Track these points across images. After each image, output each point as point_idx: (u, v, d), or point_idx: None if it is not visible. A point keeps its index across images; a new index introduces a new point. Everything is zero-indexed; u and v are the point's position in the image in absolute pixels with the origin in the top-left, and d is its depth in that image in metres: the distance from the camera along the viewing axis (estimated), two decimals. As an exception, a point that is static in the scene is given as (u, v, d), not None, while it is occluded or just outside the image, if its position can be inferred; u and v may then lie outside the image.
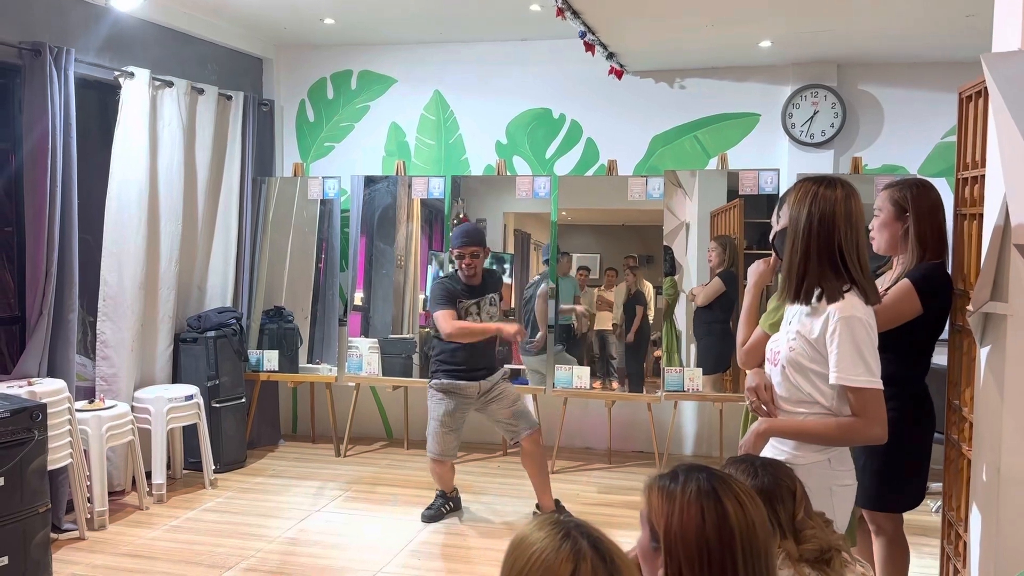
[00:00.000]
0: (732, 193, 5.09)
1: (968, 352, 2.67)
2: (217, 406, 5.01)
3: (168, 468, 4.69)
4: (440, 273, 5.41)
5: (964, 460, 2.67)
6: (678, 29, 4.47)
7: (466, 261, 4.13)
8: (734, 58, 5.20)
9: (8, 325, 4.27)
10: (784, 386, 2.17)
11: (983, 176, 2.54)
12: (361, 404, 5.69)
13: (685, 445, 5.54)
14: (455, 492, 4.45)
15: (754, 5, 3.99)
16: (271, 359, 5.54)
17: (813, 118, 5.22)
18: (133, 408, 4.51)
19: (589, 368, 5.18)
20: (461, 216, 5.46)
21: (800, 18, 4.22)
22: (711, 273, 5.08)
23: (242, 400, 5.22)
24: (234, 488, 4.81)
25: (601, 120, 5.57)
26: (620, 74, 5.25)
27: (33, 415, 3.48)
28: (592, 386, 5.18)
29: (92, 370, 4.57)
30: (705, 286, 5.07)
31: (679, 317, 5.15)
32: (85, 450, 4.08)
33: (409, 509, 4.44)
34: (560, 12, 3.94)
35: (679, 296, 5.16)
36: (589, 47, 4.59)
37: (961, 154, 2.80)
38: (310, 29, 5.45)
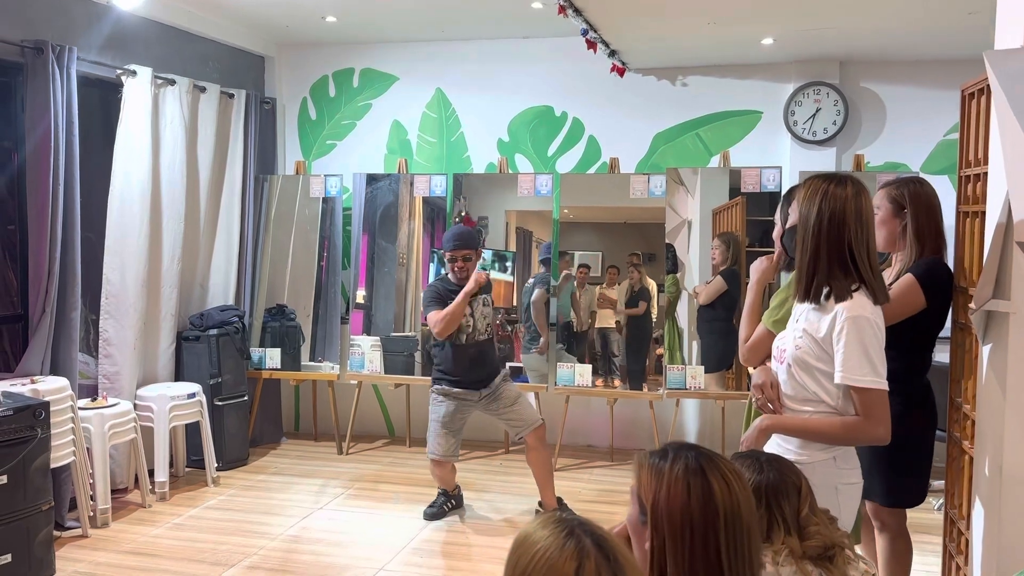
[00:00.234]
0: (734, 191, 5.09)
1: (970, 350, 2.67)
2: (219, 404, 5.01)
3: (171, 466, 4.69)
4: (442, 271, 5.41)
5: (966, 458, 2.67)
6: (680, 27, 4.47)
7: (458, 264, 4.14)
8: (736, 56, 5.19)
9: (11, 323, 4.28)
10: (790, 384, 2.17)
11: (985, 174, 2.54)
12: (363, 402, 5.70)
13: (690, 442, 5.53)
14: (457, 490, 4.45)
15: (756, 3, 3.99)
16: (273, 357, 5.55)
17: (815, 116, 5.22)
18: (136, 406, 4.52)
19: (591, 366, 5.18)
20: (463, 214, 5.46)
21: (802, 16, 4.21)
22: (714, 270, 5.09)
23: (244, 398, 5.23)
24: (236, 486, 4.82)
25: (603, 118, 5.56)
26: (622, 72, 5.25)
27: (36, 413, 3.49)
28: (594, 384, 5.19)
29: (95, 368, 4.58)
30: (708, 284, 5.08)
31: (681, 315, 5.15)
32: (88, 448, 4.09)
33: (411, 507, 4.45)
34: (562, 10, 3.94)
35: (681, 294, 5.16)
36: (591, 45, 4.59)
37: (963, 152, 2.80)
38: (312, 27, 5.45)
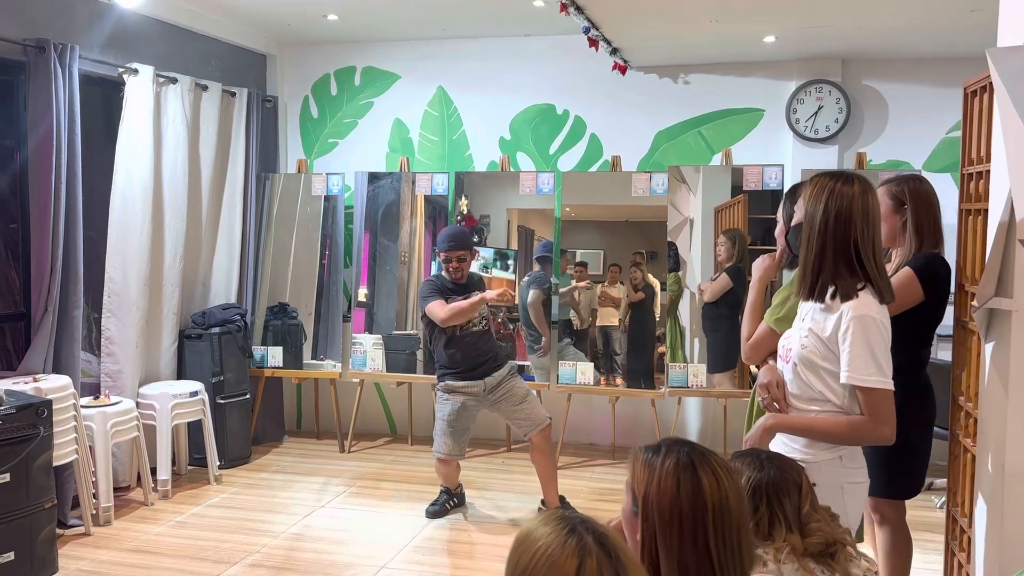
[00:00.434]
0: (736, 189, 5.08)
1: (972, 348, 2.67)
2: (222, 402, 5.02)
3: (173, 464, 4.70)
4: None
5: (968, 455, 2.66)
6: (682, 24, 4.46)
7: (453, 264, 4.15)
8: (738, 53, 5.19)
9: (13, 321, 4.28)
10: (796, 383, 2.16)
11: (988, 171, 2.53)
12: (365, 400, 5.70)
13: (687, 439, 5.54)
14: (459, 488, 4.46)
15: (758, 1, 3.98)
16: (275, 355, 5.55)
17: (817, 113, 5.21)
18: (138, 404, 4.52)
19: (593, 364, 5.18)
20: (466, 213, 5.46)
21: (804, 14, 4.21)
22: (718, 267, 5.07)
23: (246, 396, 5.23)
24: (239, 484, 4.83)
25: (605, 116, 5.56)
26: (624, 69, 5.24)
27: (39, 411, 3.49)
28: (597, 382, 5.19)
29: (97, 366, 4.58)
30: (713, 282, 5.06)
31: (683, 313, 5.15)
32: (90, 446, 4.09)
33: (413, 505, 4.45)
34: (564, 8, 3.94)
35: (683, 292, 5.16)
36: (593, 43, 4.59)
37: (966, 149, 2.80)
38: (314, 25, 5.45)
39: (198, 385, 4.77)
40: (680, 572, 1.39)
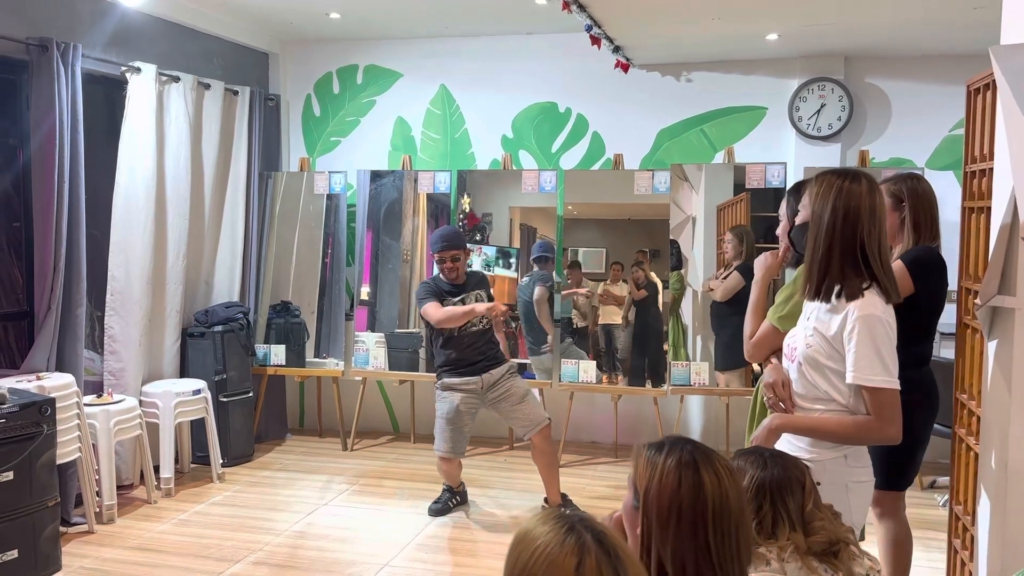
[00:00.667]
0: (739, 187, 5.07)
1: (975, 346, 2.67)
2: (224, 400, 5.03)
3: (176, 462, 4.71)
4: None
5: (972, 454, 2.66)
6: (684, 22, 4.46)
7: (447, 265, 4.15)
8: (741, 51, 5.18)
9: (17, 320, 4.29)
10: (801, 383, 2.15)
11: (991, 169, 2.53)
12: (368, 398, 5.70)
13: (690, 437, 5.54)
14: (461, 486, 4.46)
15: (761, -2, 3.99)
16: (278, 353, 5.56)
17: (820, 111, 5.20)
18: (141, 402, 4.53)
19: (595, 362, 5.18)
20: (468, 211, 5.46)
21: (807, 11, 4.20)
22: (722, 265, 5.05)
23: (249, 394, 5.24)
24: (242, 482, 4.83)
25: (607, 114, 5.55)
26: (626, 67, 5.24)
27: (42, 409, 3.50)
28: (602, 380, 5.18)
29: (100, 365, 4.59)
30: (723, 280, 5.01)
31: (685, 311, 5.14)
32: (94, 444, 4.10)
33: (416, 503, 4.46)
34: (566, 6, 3.94)
35: (685, 290, 5.15)
36: (595, 41, 4.58)
37: (969, 147, 2.80)
38: (316, 24, 5.45)
39: (201, 383, 4.78)
40: (677, 566, 1.40)
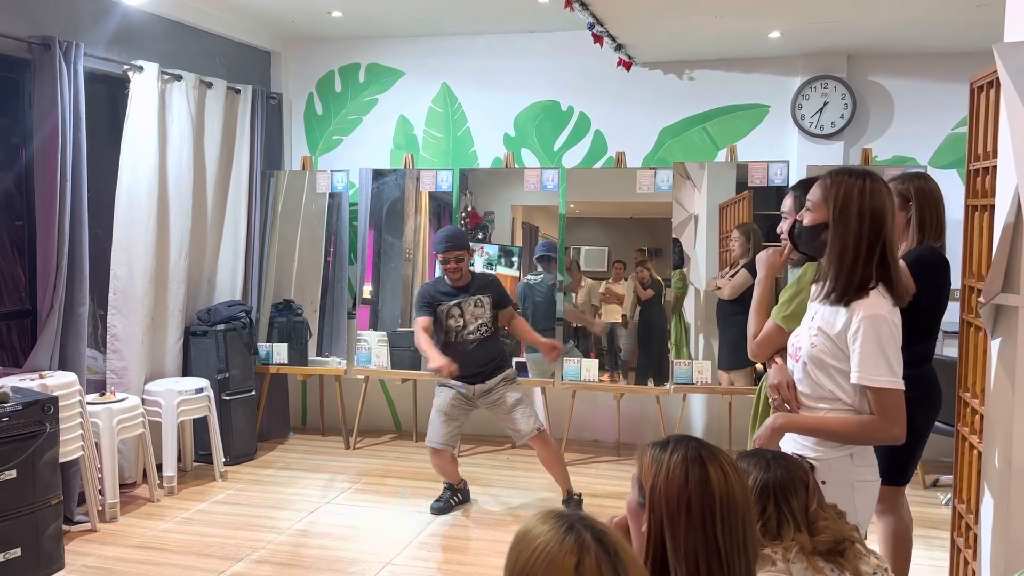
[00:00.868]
0: (741, 185, 5.07)
1: (978, 344, 2.67)
2: (227, 399, 5.03)
3: (179, 460, 4.71)
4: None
5: (975, 452, 2.66)
6: (686, 20, 4.45)
7: (451, 265, 4.14)
8: (743, 49, 5.17)
9: (19, 319, 4.29)
10: (806, 382, 2.14)
11: (994, 167, 2.53)
12: (370, 397, 5.71)
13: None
14: (463, 484, 4.46)
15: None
16: (280, 352, 5.56)
17: (823, 109, 5.19)
18: (144, 401, 4.53)
19: (597, 361, 5.17)
20: (470, 209, 5.46)
21: (810, 9, 4.20)
22: (727, 263, 5.04)
23: (252, 393, 5.24)
24: (244, 480, 4.84)
25: (609, 112, 5.55)
26: (628, 66, 5.23)
27: (45, 408, 3.50)
28: (600, 379, 5.18)
29: (103, 363, 4.60)
30: (731, 278, 4.99)
31: (688, 310, 5.14)
32: (96, 443, 4.11)
33: (418, 501, 4.46)
34: (568, 3, 3.93)
35: (688, 288, 5.14)
36: (597, 39, 4.58)
37: (972, 145, 2.79)
38: (318, 22, 5.45)
39: (203, 382, 4.78)
40: (687, 561, 1.40)
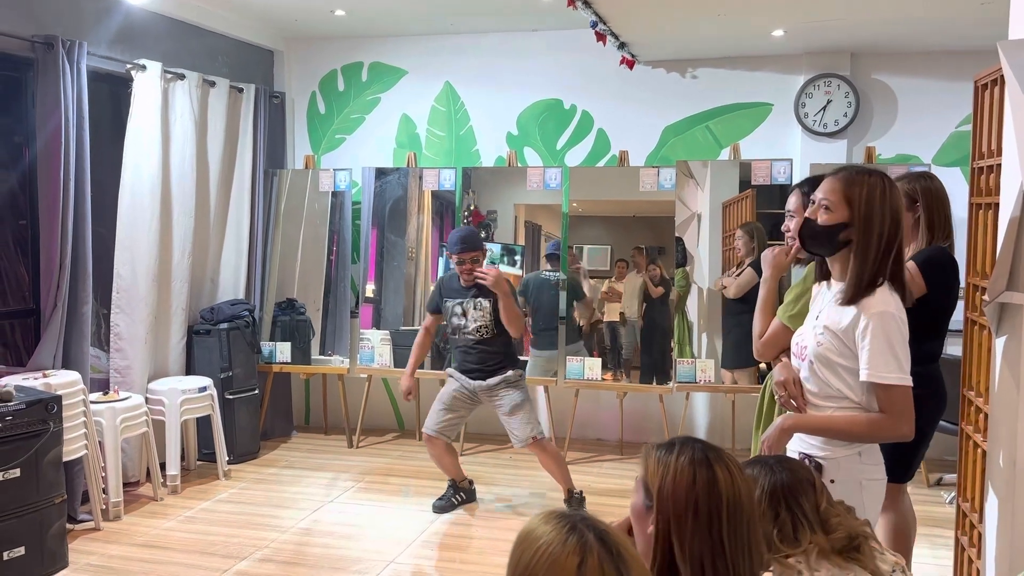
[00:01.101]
0: (744, 183, 5.06)
1: (983, 343, 2.66)
2: (230, 398, 5.03)
3: (182, 459, 4.72)
4: (452, 266, 5.42)
5: (979, 451, 2.65)
6: (689, 18, 4.45)
7: (466, 267, 4.13)
8: (746, 47, 5.16)
9: (23, 318, 4.30)
10: (812, 381, 2.13)
11: (999, 165, 2.52)
12: (373, 396, 5.71)
13: (694, 436, 5.52)
14: (466, 482, 4.45)
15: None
16: (284, 351, 5.56)
17: (826, 108, 5.18)
18: (147, 400, 4.53)
19: (600, 360, 5.17)
20: (473, 208, 5.45)
21: (813, 7, 4.19)
22: (733, 262, 5.03)
23: (255, 392, 5.25)
24: (248, 479, 4.84)
25: (612, 110, 5.54)
26: (631, 64, 5.23)
27: (48, 407, 3.51)
28: (603, 378, 5.18)
29: (106, 362, 4.60)
30: (736, 276, 4.98)
31: (691, 308, 5.13)
32: (100, 441, 4.11)
33: (421, 500, 4.46)
34: (571, 2, 3.93)
35: (691, 287, 5.14)
36: (600, 37, 4.57)
37: (976, 143, 2.78)
38: (320, 21, 5.45)
39: (207, 380, 4.79)
40: (693, 562, 1.40)
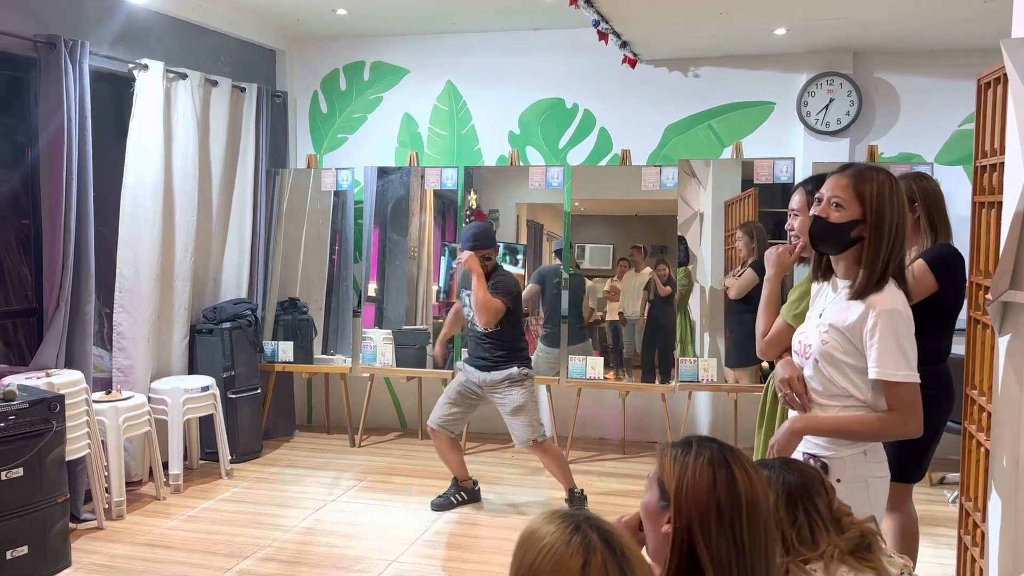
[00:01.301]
0: (747, 182, 5.06)
1: (986, 342, 2.66)
2: (233, 397, 5.04)
3: (185, 458, 4.72)
4: (454, 264, 5.43)
5: (982, 450, 2.65)
6: (691, 17, 4.44)
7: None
8: (749, 46, 5.16)
9: (26, 317, 4.30)
10: (817, 379, 2.12)
11: (1002, 164, 2.51)
12: (375, 395, 5.71)
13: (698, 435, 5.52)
14: (469, 482, 4.44)
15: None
16: (286, 350, 5.57)
17: (828, 106, 5.18)
18: (150, 399, 4.54)
19: (603, 359, 5.17)
20: (475, 207, 5.45)
21: (815, 5, 4.18)
22: (731, 261, 5.03)
23: (257, 391, 5.25)
24: (250, 478, 4.85)
25: (614, 109, 5.54)
26: (634, 63, 5.22)
27: (51, 406, 3.51)
28: (605, 377, 5.18)
29: (109, 361, 4.61)
30: (738, 277, 5.00)
31: (693, 308, 5.13)
32: (103, 441, 4.11)
33: (424, 499, 4.45)
34: (573, 1, 3.92)
35: (693, 286, 5.14)
36: (602, 36, 4.57)
37: (979, 142, 2.78)
38: (323, 20, 5.45)
39: (209, 380, 4.79)
40: (715, 562, 1.40)
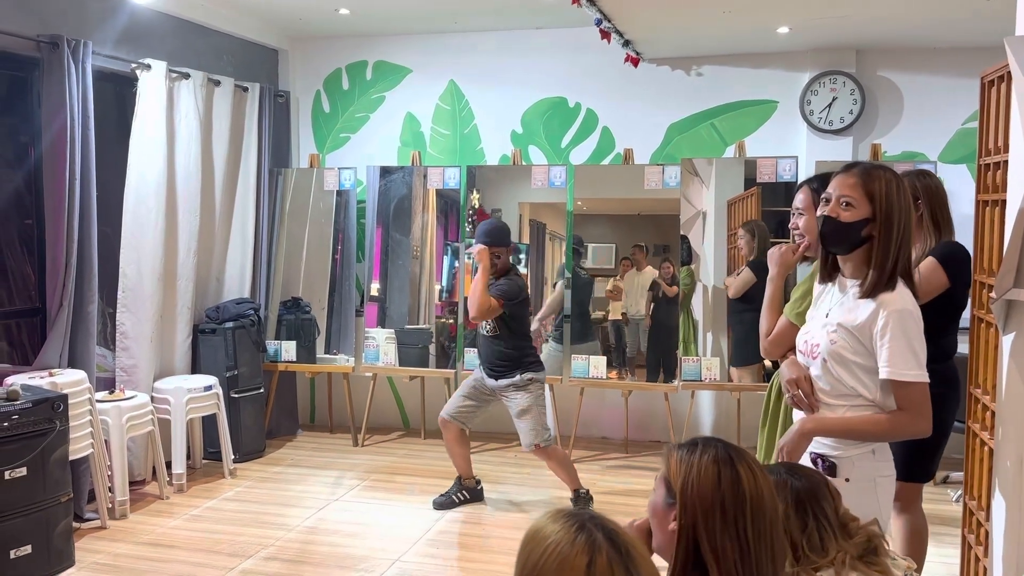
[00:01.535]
0: (750, 181, 5.05)
1: (989, 340, 2.65)
2: (236, 396, 5.04)
3: (188, 458, 4.73)
4: (456, 263, 5.44)
5: (985, 449, 2.64)
6: (694, 15, 4.44)
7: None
8: (751, 45, 5.15)
9: (29, 317, 4.31)
10: (825, 379, 2.11)
11: (1006, 162, 2.51)
12: (378, 394, 5.71)
13: (702, 435, 5.51)
14: (472, 481, 4.44)
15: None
16: (289, 350, 5.57)
17: (832, 105, 5.17)
18: (153, 399, 4.54)
19: (605, 358, 5.16)
20: (477, 207, 5.45)
21: (818, 4, 4.17)
22: (734, 260, 5.02)
23: (260, 390, 5.26)
24: (253, 477, 4.85)
25: (617, 108, 5.53)
26: (636, 62, 5.22)
27: (55, 406, 3.52)
28: (608, 376, 5.17)
29: (112, 361, 4.61)
30: (737, 277, 4.99)
31: (696, 307, 5.13)
32: (106, 440, 4.12)
33: (427, 498, 4.45)
34: (576, 0, 3.92)
35: (696, 286, 5.13)
36: (605, 35, 4.57)
37: (983, 140, 2.77)
38: (325, 20, 5.45)
39: (212, 379, 4.79)
40: (718, 558, 1.40)
